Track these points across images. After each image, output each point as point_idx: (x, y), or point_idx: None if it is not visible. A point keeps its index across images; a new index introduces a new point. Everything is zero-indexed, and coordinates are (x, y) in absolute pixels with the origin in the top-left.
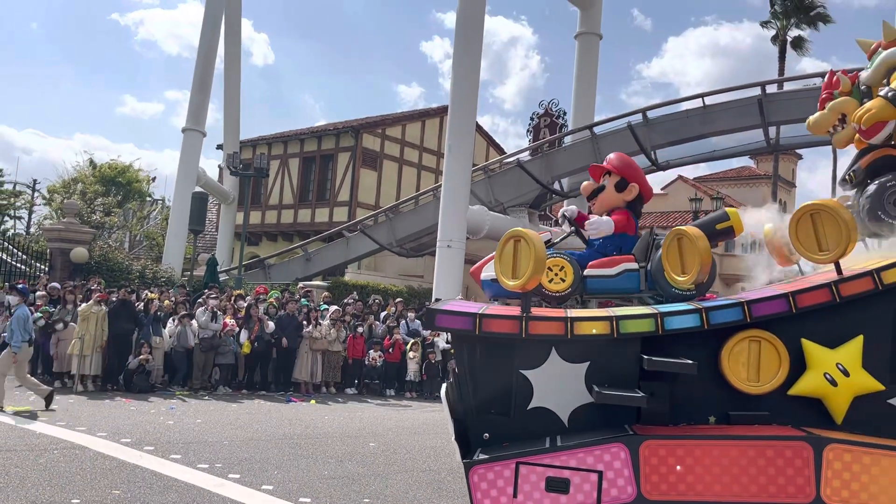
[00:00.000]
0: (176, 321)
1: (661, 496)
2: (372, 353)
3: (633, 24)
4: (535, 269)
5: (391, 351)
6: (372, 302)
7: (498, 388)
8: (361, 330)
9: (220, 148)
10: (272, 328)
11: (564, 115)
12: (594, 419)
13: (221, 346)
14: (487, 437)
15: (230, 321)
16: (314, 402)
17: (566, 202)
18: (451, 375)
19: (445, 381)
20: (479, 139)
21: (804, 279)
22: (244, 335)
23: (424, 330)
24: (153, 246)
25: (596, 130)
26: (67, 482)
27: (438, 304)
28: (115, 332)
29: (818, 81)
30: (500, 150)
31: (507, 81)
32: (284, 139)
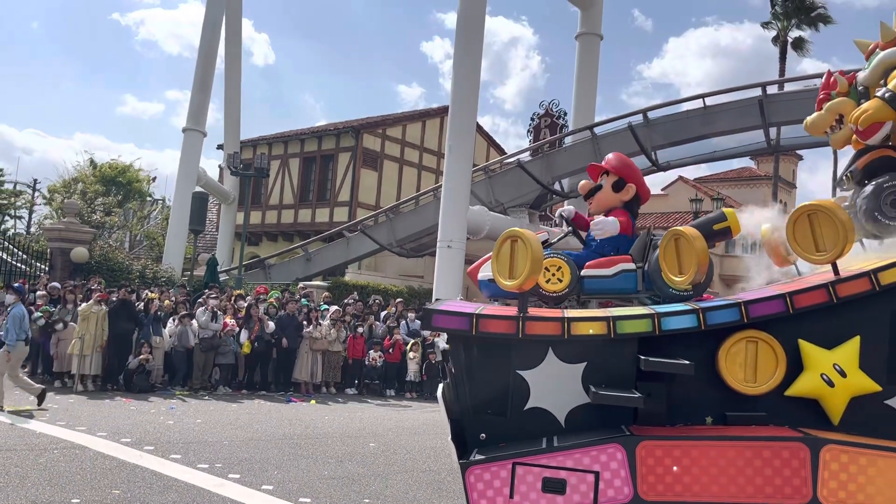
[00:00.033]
0: (176, 321)
1: (657, 497)
2: (372, 353)
3: (633, 24)
4: (531, 269)
5: (391, 351)
6: (372, 302)
7: (495, 388)
8: (361, 330)
9: (220, 148)
10: (272, 328)
11: (565, 115)
12: (591, 420)
13: (221, 346)
14: (484, 437)
15: (230, 321)
16: (314, 402)
17: (567, 203)
18: (447, 375)
19: (442, 381)
20: (479, 139)
21: (802, 280)
22: (244, 335)
23: (424, 330)
24: (153, 246)
25: (596, 131)
26: (67, 482)
27: (435, 304)
28: (115, 331)
29: (819, 82)
30: (500, 150)
31: (507, 82)
32: (285, 139)
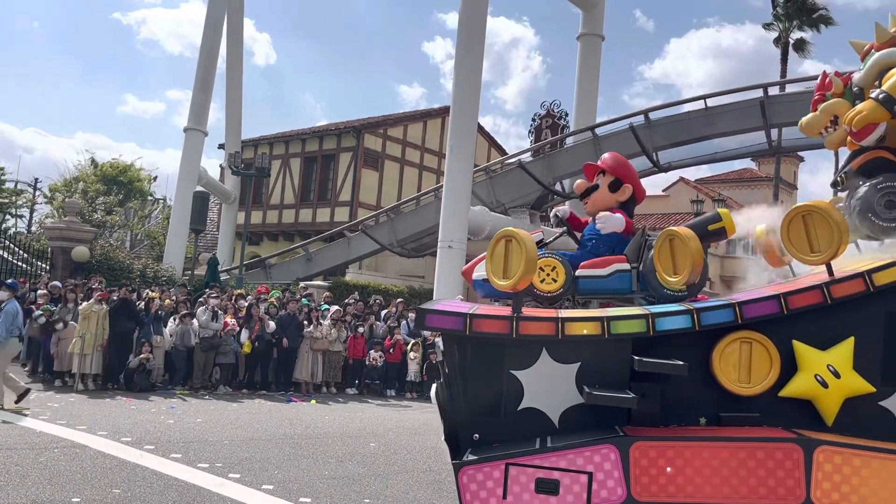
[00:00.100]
0: (177, 320)
1: (650, 498)
2: (373, 353)
3: (635, 25)
4: (526, 269)
5: (392, 351)
6: (373, 302)
7: (488, 388)
8: (362, 330)
9: (221, 147)
10: (273, 328)
11: (566, 116)
12: (585, 420)
13: (222, 345)
14: (477, 437)
15: (231, 321)
16: (315, 401)
17: (567, 203)
18: (441, 375)
19: (436, 381)
20: (480, 140)
21: (796, 280)
22: (245, 335)
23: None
24: (154, 245)
25: (598, 132)
26: (68, 481)
27: (429, 303)
28: (115, 330)
29: None
30: (501, 150)
31: (508, 82)
32: (286, 139)
